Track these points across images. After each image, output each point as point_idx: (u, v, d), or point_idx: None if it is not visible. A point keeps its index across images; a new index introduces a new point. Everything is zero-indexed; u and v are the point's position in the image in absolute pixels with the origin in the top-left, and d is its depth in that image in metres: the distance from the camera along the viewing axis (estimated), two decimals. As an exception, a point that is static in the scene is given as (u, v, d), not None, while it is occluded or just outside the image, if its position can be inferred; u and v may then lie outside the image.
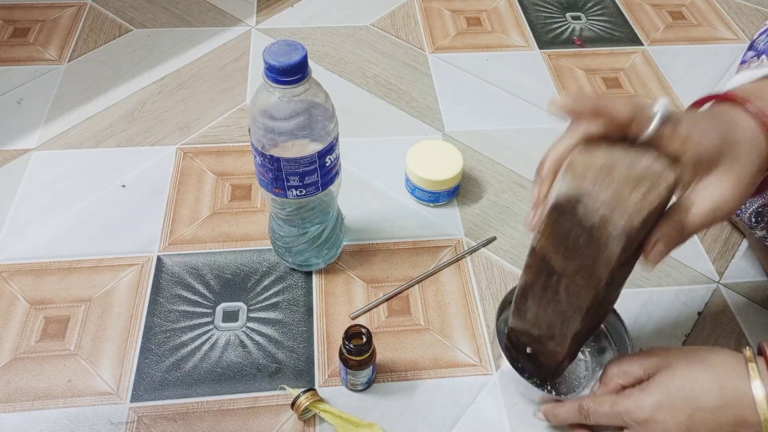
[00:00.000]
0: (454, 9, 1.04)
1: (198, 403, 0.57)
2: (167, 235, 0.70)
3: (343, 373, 0.56)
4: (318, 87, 0.52)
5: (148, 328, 0.62)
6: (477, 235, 0.71)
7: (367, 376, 0.56)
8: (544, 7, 1.05)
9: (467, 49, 0.96)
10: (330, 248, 0.65)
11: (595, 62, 0.95)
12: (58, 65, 0.89)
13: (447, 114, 0.85)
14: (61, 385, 0.58)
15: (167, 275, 0.66)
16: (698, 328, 0.64)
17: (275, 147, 0.52)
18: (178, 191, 0.74)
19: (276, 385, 0.58)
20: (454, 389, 0.59)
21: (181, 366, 0.59)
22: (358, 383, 0.57)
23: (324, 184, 0.57)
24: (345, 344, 0.53)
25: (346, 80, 0.89)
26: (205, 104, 0.85)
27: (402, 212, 0.73)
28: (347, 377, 0.56)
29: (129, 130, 0.81)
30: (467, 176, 0.77)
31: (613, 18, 1.03)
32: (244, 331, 0.62)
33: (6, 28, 0.95)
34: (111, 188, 0.74)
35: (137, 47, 0.93)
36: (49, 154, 0.78)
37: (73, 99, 0.85)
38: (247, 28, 0.97)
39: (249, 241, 0.69)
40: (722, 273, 0.69)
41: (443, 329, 0.63)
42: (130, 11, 0.99)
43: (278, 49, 0.48)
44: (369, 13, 1.01)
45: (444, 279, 0.67)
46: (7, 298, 0.63)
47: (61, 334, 0.61)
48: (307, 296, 0.65)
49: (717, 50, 0.98)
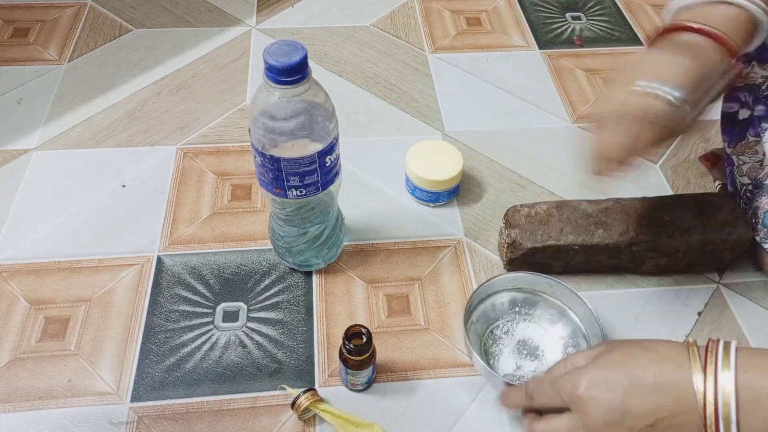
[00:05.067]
0: (454, 9, 1.04)
1: (198, 403, 0.57)
2: (167, 235, 0.70)
3: (343, 373, 0.56)
4: (318, 87, 0.52)
5: (148, 328, 0.62)
6: (477, 235, 0.71)
7: (367, 376, 0.56)
8: (544, 7, 1.05)
9: (467, 49, 0.96)
10: (330, 248, 0.65)
11: (595, 62, 0.95)
12: (58, 65, 0.89)
13: (447, 114, 0.85)
14: (61, 385, 0.58)
15: (167, 275, 0.66)
16: (698, 328, 0.64)
17: (275, 147, 0.52)
18: (178, 191, 0.74)
19: (276, 385, 0.58)
20: (454, 389, 0.59)
21: (181, 366, 0.59)
22: (358, 383, 0.57)
23: (324, 184, 0.57)
24: (345, 344, 0.53)
25: (346, 80, 0.89)
26: (205, 104, 0.85)
27: (402, 212, 0.73)
28: (347, 377, 0.56)
29: (129, 130, 0.81)
30: (467, 176, 0.77)
31: (613, 18, 1.03)
32: (244, 331, 0.62)
33: (6, 28, 0.95)
34: (111, 188, 0.74)
35: (137, 47, 0.93)
36: (49, 154, 0.78)
37: (73, 99, 0.85)
38: (247, 28, 0.97)
39: (249, 241, 0.69)
40: (722, 273, 0.69)
41: (443, 329, 0.63)
42: (130, 11, 0.99)
43: (278, 49, 0.48)
44: (369, 13, 1.01)
45: (444, 279, 0.67)
46: (7, 298, 0.63)
47: (61, 334, 0.61)
48: (307, 296, 0.65)
49: (717, 50, 0.98)
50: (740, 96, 0.65)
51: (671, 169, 0.79)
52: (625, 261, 0.65)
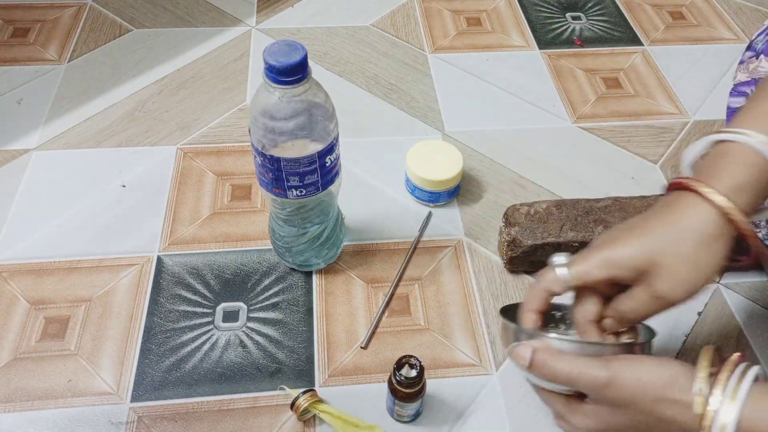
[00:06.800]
0: (454, 9, 1.04)
1: (198, 403, 0.57)
2: (167, 235, 0.70)
3: (389, 402, 0.55)
4: (318, 87, 0.52)
5: (148, 328, 0.62)
6: (477, 235, 0.71)
7: (415, 409, 0.54)
8: (544, 7, 1.05)
9: (467, 50, 0.96)
10: (330, 248, 0.65)
11: (595, 62, 0.95)
12: (58, 65, 0.89)
13: (447, 114, 0.85)
14: (61, 385, 0.58)
15: (167, 275, 0.66)
16: (698, 328, 0.64)
17: (275, 147, 0.52)
18: (178, 191, 0.74)
19: (276, 385, 0.58)
20: (454, 389, 0.59)
21: (181, 366, 0.59)
22: (405, 415, 0.55)
23: (324, 184, 0.57)
24: (395, 374, 0.51)
25: (346, 80, 0.89)
26: (205, 104, 0.85)
27: (402, 212, 0.73)
28: (394, 407, 0.54)
29: (129, 130, 0.81)
30: (467, 176, 0.77)
31: (613, 18, 1.03)
32: (244, 331, 0.62)
33: (6, 28, 0.95)
34: (111, 188, 0.74)
35: (137, 47, 0.93)
36: (49, 154, 0.78)
37: (73, 99, 0.85)
38: (247, 28, 0.97)
39: (249, 241, 0.69)
40: (722, 273, 0.69)
41: (443, 329, 0.63)
42: (130, 11, 0.99)
43: (278, 49, 0.48)
44: (369, 13, 1.01)
45: (444, 279, 0.67)
46: (7, 298, 0.63)
47: (61, 334, 0.61)
48: (307, 296, 0.65)
49: (717, 50, 0.98)
50: (746, 91, 0.65)
51: (671, 169, 0.79)
52: None
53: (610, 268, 0.45)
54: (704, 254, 0.43)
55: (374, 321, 0.63)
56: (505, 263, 0.67)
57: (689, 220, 0.44)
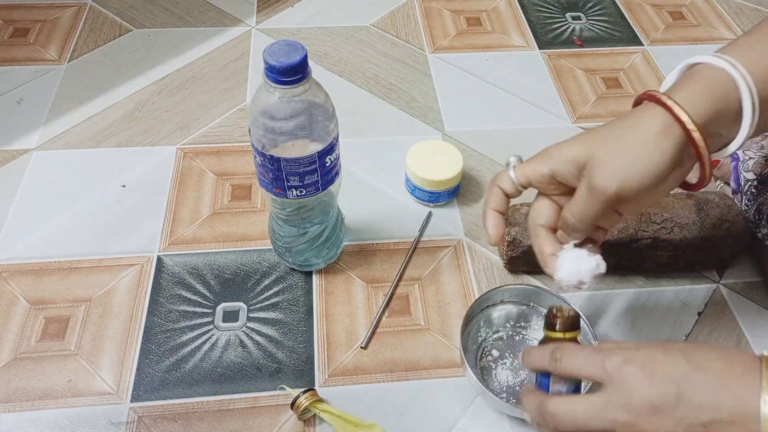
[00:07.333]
0: (454, 9, 1.04)
1: (198, 403, 0.57)
2: (167, 235, 0.70)
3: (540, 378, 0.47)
4: (318, 87, 0.52)
5: (148, 328, 0.62)
6: (477, 236, 0.71)
7: None
8: (544, 7, 1.05)
9: (467, 50, 0.96)
10: (330, 248, 0.65)
11: (595, 62, 0.95)
12: (58, 65, 0.89)
13: (447, 114, 0.85)
14: (61, 385, 0.58)
15: (167, 275, 0.66)
16: (698, 328, 0.64)
17: (275, 147, 0.52)
18: (178, 191, 0.74)
19: (276, 385, 0.58)
20: (454, 389, 0.59)
21: (181, 366, 0.59)
22: None
23: (324, 184, 0.57)
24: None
25: (346, 80, 0.89)
26: (205, 104, 0.85)
27: (402, 212, 0.73)
28: None
29: (129, 130, 0.81)
30: (467, 176, 0.77)
31: (613, 18, 1.03)
32: (244, 331, 0.62)
33: (6, 28, 0.95)
34: (111, 188, 0.74)
35: (137, 47, 0.93)
36: (49, 154, 0.78)
37: (73, 99, 0.85)
38: (247, 28, 0.97)
39: (249, 241, 0.69)
40: (722, 273, 0.69)
41: (443, 329, 0.63)
42: (130, 11, 0.99)
43: (278, 49, 0.48)
44: (369, 13, 1.01)
45: (444, 279, 0.67)
46: (7, 298, 0.63)
47: (61, 334, 0.61)
48: (307, 296, 0.65)
49: (717, 50, 0.98)
50: None
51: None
52: (625, 259, 0.65)
53: (550, 162, 0.47)
54: (643, 150, 0.43)
55: (374, 321, 0.63)
56: (505, 263, 0.67)
57: (635, 121, 0.44)
